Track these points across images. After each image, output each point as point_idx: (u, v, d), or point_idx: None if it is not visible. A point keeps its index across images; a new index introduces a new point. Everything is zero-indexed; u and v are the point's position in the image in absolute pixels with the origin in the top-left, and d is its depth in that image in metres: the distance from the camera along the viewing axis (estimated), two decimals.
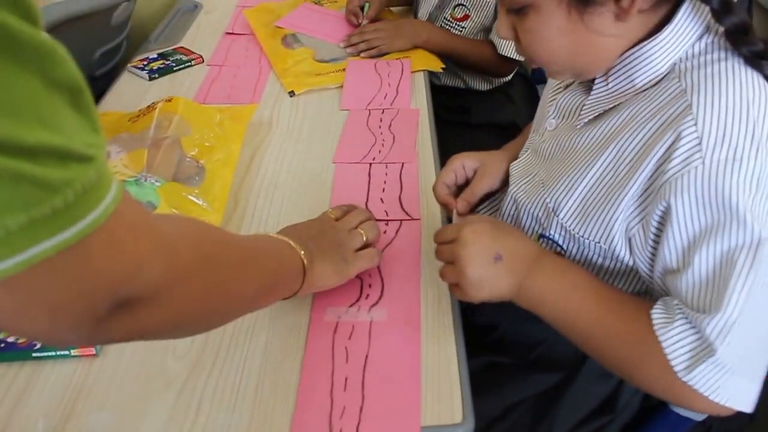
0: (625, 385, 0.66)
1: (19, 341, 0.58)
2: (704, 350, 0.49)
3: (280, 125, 0.94)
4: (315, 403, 0.54)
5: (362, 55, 1.12)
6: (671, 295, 0.53)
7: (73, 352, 0.58)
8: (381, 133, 0.90)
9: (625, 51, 0.55)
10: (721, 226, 0.48)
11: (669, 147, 0.50)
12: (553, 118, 0.65)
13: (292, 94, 1.02)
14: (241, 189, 0.81)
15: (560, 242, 0.61)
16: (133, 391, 0.55)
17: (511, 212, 0.68)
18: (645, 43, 0.53)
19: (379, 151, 0.86)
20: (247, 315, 0.62)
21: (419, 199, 0.77)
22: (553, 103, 0.66)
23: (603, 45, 0.54)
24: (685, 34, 0.53)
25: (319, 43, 1.16)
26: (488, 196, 0.74)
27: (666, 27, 0.53)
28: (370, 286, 0.65)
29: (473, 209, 0.72)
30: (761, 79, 0.51)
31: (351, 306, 0.63)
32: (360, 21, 1.20)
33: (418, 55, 1.13)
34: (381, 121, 0.93)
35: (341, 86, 1.03)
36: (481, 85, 1.28)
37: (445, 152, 0.86)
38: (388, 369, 0.57)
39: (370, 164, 0.84)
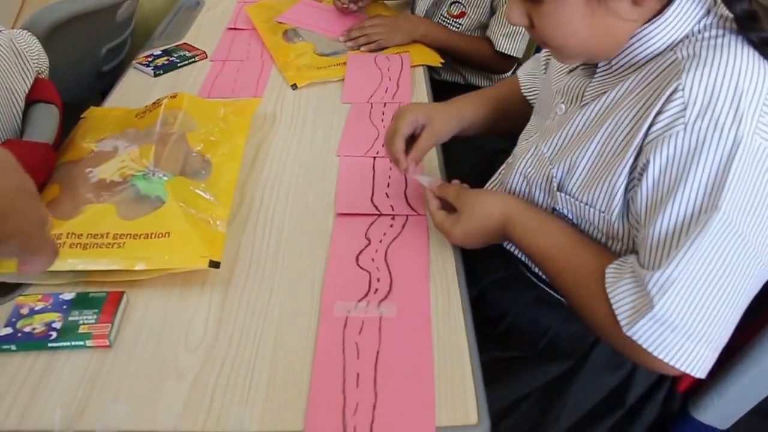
0: (635, 377, 0.67)
1: (35, 331, 0.59)
2: (645, 305, 0.52)
3: (283, 119, 0.95)
4: (327, 400, 0.54)
5: (362, 48, 1.13)
6: (637, 250, 0.56)
7: (88, 342, 0.59)
8: (384, 127, 0.91)
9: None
10: (686, 189, 0.50)
11: (658, 112, 0.52)
12: (563, 102, 0.67)
13: (294, 87, 1.03)
14: (247, 183, 0.82)
15: (569, 216, 0.64)
16: (146, 382, 0.57)
17: (522, 188, 0.69)
18: (648, 24, 0.55)
19: (383, 145, 0.87)
20: (257, 308, 0.64)
21: (423, 195, 0.78)
22: (558, 87, 0.68)
23: (619, 29, 0.55)
24: (686, 16, 0.54)
25: (320, 38, 1.18)
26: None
27: (668, 8, 0.54)
28: (378, 280, 0.65)
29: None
30: (757, 56, 0.52)
31: (360, 300, 0.63)
32: (347, 6, 1.21)
33: (417, 50, 1.14)
34: (383, 114, 0.94)
35: (342, 79, 1.04)
36: (480, 81, 1.28)
37: (446, 148, 0.87)
38: (400, 365, 0.57)
39: (374, 158, 0.85)
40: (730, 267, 0.50)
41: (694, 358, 0.51)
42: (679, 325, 0.51)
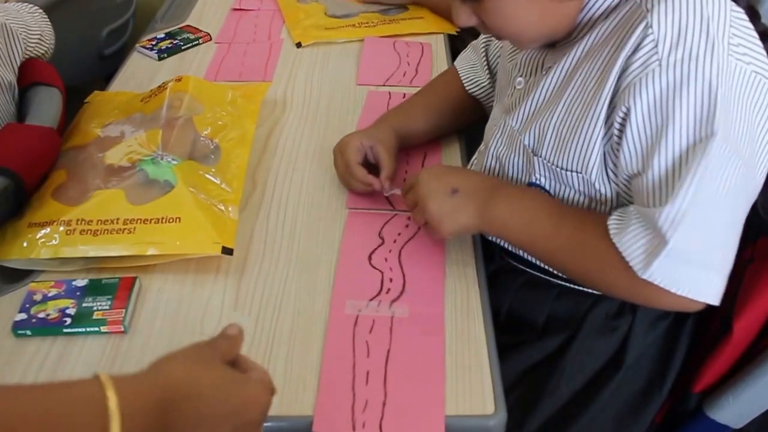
0: (630, 340, 0.67)
1: (49, 317, 0.59)
2: (658, 244, 0.51)
3: (295, 104, 0.94)
4: (337, 396, 0.53)
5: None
6: (635, 200, 0.56)
7: (103, 328, 0.59)
8: None
9: None
10: (677, 124, 0.50)
11: (629, 57, 0.52)
12: (521, 75, 0.66)
13: (299, 45, 1.05)
14: (259, 169, 0.81)
15: (546, 186, 0.63)
16: None
17: (495, 169, 0.69)
18: None
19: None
20: (273, 294, 0.63)
21: None
22: (513, 61, 0.67)
23: (569, 6, 0.56)
24: None
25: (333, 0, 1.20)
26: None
27: None
28: (391, 280, 0.64)
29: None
30: None
31: (371, 300, 0.62)
32: None
33: (430, 18, 1.14)
34: None
35: (350, 41, 1.06)
36: None
37: (469, 140, 0.85)
38: (410, 365, 0.56)
39: None
40: (734, 189, 0.51)
41: (709, 288, 0.52)
42: (694, 257, 0.51)
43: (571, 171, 0.60)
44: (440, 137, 0.84)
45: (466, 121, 0.84)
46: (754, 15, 0.54)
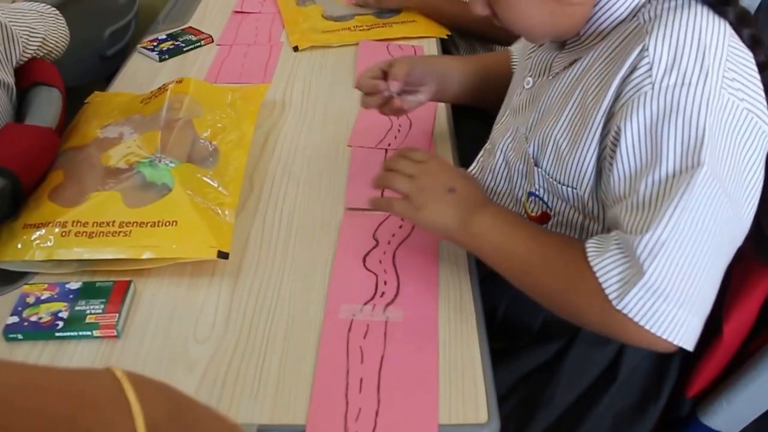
0: (626, 352, 0.66)
1: (42, 321, 0.58)
2: (635, 273, 0.49)
3: (293, 106, 0.93)
4: (330, 404, 0.53)
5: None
6: (618, 225, 0.54)
7: (95, 332, 0.58)
8: (398, 117, 0.89)
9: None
10: (665, 151, 0.50)
11: (625, 77, 0.52)
12: (530, 76, 0.67)
13: (296, 49, 1.06)
14: (256, 171, 0.80)
15: (545, 198, 0.63)
16: (156, 373, 0.55)
17: (503, 173, 0.69)
18: None
19: (395, 137, 0.86)
20: (267, 299, 0.63)
21: None
22: (526, 63, 0.68)
23: (578, 8, 0.56)
24: None
25: (329, 2, 1.21)
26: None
27: None
28: (385, 283, 0.64)
29: None
30: (715, 14, 0.53)
31: (366, 304, 0.62)
32: None
33: (423, 22, 1.15)
34: None
35: (347, 45, 1.07)
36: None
37: (461, 140, 0.85)
38: (404, 372, 0.55)
39: (386, 150, 0.83)
40: (716, 224, 0.49)
41: (685, 330, 0.49)
42: (670, 293, 0.49)
43: (567, 186, 0.59)
44: (476, 104, 0.84)
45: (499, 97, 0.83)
46: (757, 43, 0.53)
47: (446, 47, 1.34)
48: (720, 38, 0.51)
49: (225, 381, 0.55)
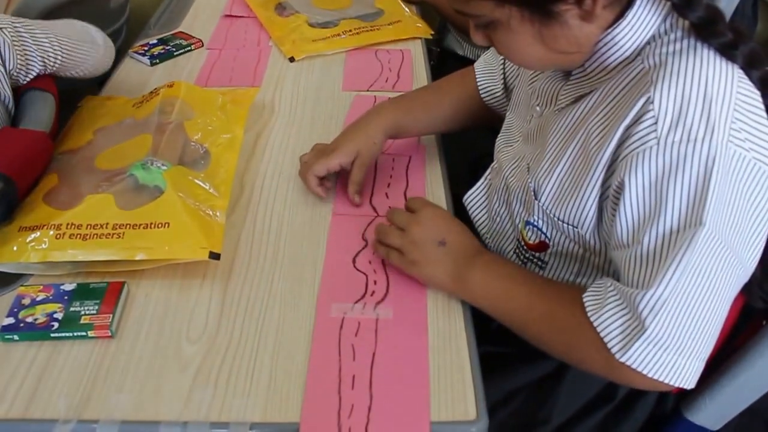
0: None
1: (37, 322, 0.60)
2: (636, 328, 0.51)
3: (282, 108, 0.95)
4: (323, 401, 0.54)
5: None
6: (617, 269, 0.55)
7: (90, 333, 0.60)
8: None
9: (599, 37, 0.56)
10: (669, 207, 0.50)
11: (629, 126, 0.52)
12: (538, 105, 0.66)
13: (292, 60, 1.06)
14: (247, 173, 0.82)
15: (543, 229, 0.63)
16: (149, 373, 0.57)
17: (503, 197, 0.69)
18: (611, 29, 0.54)
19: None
20: (259, 299, 0.64)
21: (425, 196, 0.77)
22: (534, 86, 0.67)
23: (577, 43, 0.55)
24: (649, 16, 0.54)
25: (309, 7, 1.22)
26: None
27: (628, 11, 0.53)
28: (375, 282, 0.65)
29: None
30: (722, 58, 0.51)
31: (356, 302, 0.63)
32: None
33: (409, 23, 1.17)
34: None
35: (339, 52, 1.07)
36: None
37: (446, 146, 0.86)
38: (395, 368, 0.57)
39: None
40: (718, 279, 0.50)
41: (686, 373, 0.51)
42: (672, 344, 0.50)
43: (567, 224, 0.60)
44: (442, 132, 0.86)
45: (473, 122, 0.84)
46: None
47: (450, 46, 1.37)
48: (727, 87, 0.50)
49: (217, 380, 0.56)
